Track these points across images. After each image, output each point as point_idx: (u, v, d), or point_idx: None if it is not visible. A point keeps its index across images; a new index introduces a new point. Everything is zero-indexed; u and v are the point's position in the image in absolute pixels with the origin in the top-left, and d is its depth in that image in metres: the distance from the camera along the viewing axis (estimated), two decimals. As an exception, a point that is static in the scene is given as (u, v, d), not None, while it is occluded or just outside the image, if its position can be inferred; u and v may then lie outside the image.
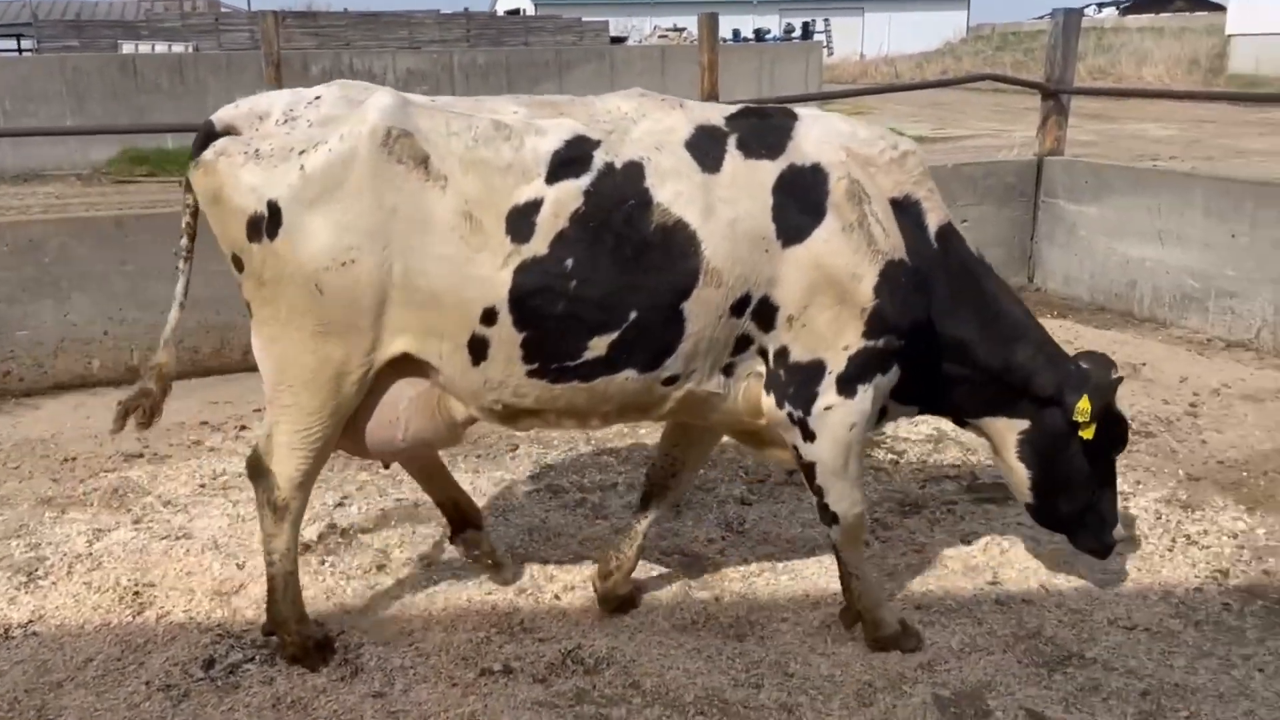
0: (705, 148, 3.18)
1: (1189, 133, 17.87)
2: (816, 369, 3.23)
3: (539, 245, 3.03)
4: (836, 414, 3.25)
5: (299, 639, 3.48)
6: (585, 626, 3.72)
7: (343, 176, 2.99)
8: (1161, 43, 34.99)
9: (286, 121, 3.07)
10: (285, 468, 3.30)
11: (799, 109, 3.43)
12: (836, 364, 3.22)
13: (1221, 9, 34.31)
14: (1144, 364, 6.52)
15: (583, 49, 25.34)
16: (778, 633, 3.67)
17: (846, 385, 3.23)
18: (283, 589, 3.46)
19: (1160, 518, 4.46)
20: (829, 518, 3.43)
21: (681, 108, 3.30)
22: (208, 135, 3.11)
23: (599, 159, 3.08)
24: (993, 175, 8.37)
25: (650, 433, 5.44)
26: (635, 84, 3.50)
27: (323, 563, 4.16)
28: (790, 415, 3.27)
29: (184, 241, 3.32)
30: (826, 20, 54.26)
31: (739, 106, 3.42)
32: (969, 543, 4.30)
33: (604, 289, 3.06)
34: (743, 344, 3.24)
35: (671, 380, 3.24)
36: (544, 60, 21.05)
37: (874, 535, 4.36)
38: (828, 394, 3.23)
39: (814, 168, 3.20)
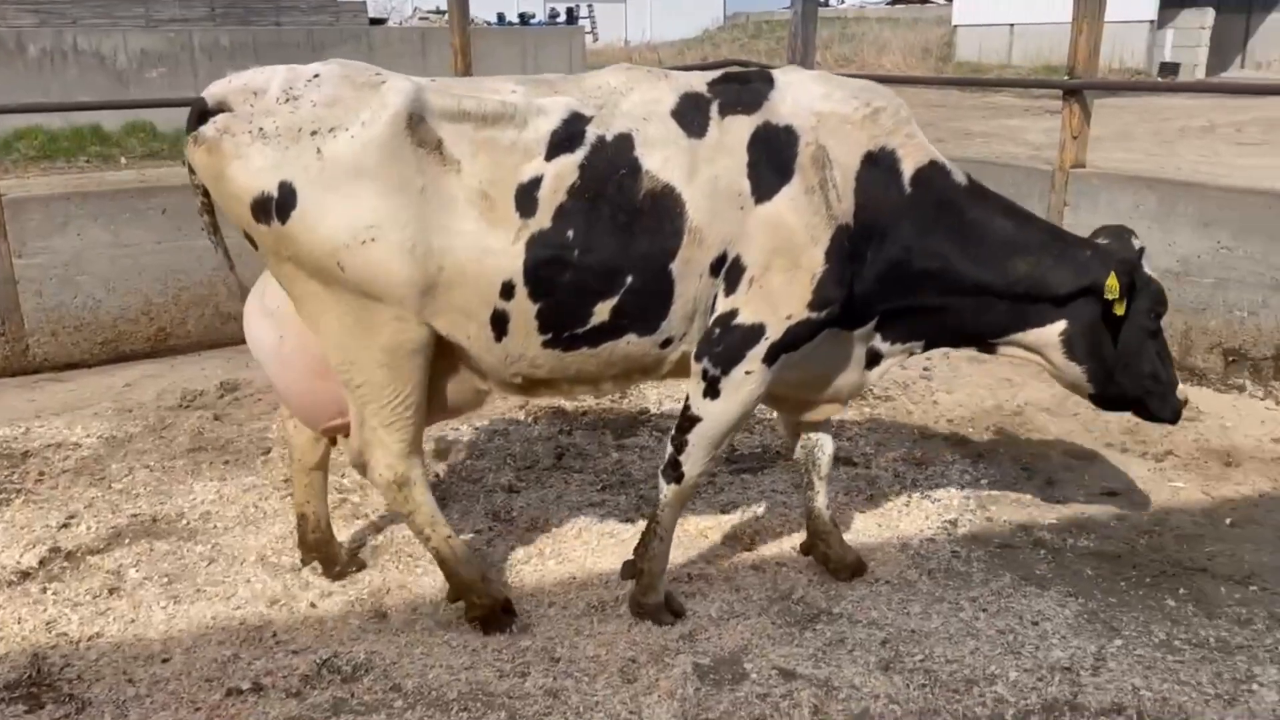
0: (690, 115, 3.28)
1: (923, 116, 19.17)
2: (755, 333, 3.30)
3: (544, 219, 3.14)
4: (750, 381, 3.34)
5: (488, 602, 3.56)
6: (343, 634, 3.56)
7: (365, 160, 3.01)
8: (898, 32, 37.52)
9: (288, 100, 3.04)
10: (388, 448, 3.34)
11: (777, 72, 3.48)
12: (774, 331, 3.30)
13: (948, 1, 37.15)
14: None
15: (338, 30, 24.27)
16: (544, 619, 3.66)
17: (773, 354, 3.33)
18: (452, 556, 3.53)
19: (898, 475, 4.77)
20: (675, 475, 3.52)
21: (667, 78, 3.39)
22: (202, 112, 3.06)
23: (591, 133, 3.19)
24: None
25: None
26: (394, 67, 3.47)
27: (44, 590, 3.78)
28: (705, 371, 3.35)
29: (205, 218, 3.31)
30: (590, 6, 54.58)
31: (721, 73, 3.47)
32: (727, 512, 4.45)
33: (603, 256, 3.18)
34: (714, 307, 3.33)
35: (668, 343, 3.38)
36: (295, 42, 20.02)
37: (638, 512, 4.43)
38: (753, 361, 3.32)
39: (787, 129, 3.30)
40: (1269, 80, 24.98)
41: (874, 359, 3.69)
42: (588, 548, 4.16)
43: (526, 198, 3.14)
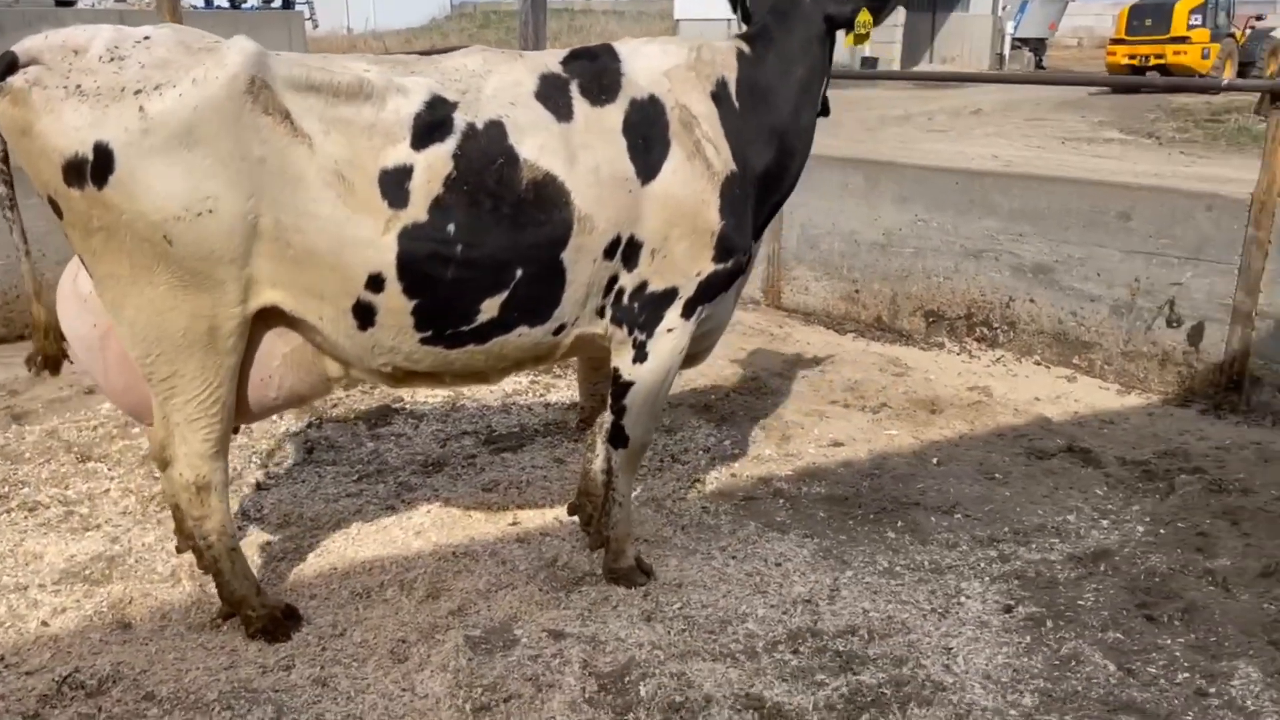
0: (554, 97, 3.23)
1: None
2: (669, 295, 3.41)
3: (418, 211, 3.01)
4: (673, 338, 3.47)
5: (264, 611, 3.40)
6: (83, 649, 3.33)
7: (196, 122, 2.80)
8: (624, 25, 38.63)
9: (113, 60, 2.81)
10: (192, 446, 3.16)
11: (616, 44, 3.47)
12: (687, 290, 3.42)
13: (671, -5, 38.59)
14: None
15: (20, 12, 21.91)
16: (307, 611, 3.58)
17: (689, 308, 3.45)
18: (230, 568, 3.37)
19: (650, 444, 4.99)
20: (620, 440, 3.63)
21: (522, 59, 3.32)
22: (9, 66, 2.79)
23: (460, 121, 3.07)
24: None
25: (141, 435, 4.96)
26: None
27: None
28: (635, 339, 3.45)
29: (1, 190, 2.99)
30: (309, -9, 52.31)
31: (567, 50, 3.42)
32: (490, 491, 4.50)
33: (489, 250, 3.10)
34: (611, 284, 3.38)
35: (560, 329, 3.38)
36: (-31, 22, 17.94)
37: (399, 499, 4.41)
38: (672, 317, 3.45)
39: (651, 99, 3.32)
40: (952, 71, 27.78)
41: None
42: (348, 538, 4.09)
43: (395, 187, 2.99)
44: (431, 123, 3.06)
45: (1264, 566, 3.77)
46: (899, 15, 36.50)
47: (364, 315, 3.14)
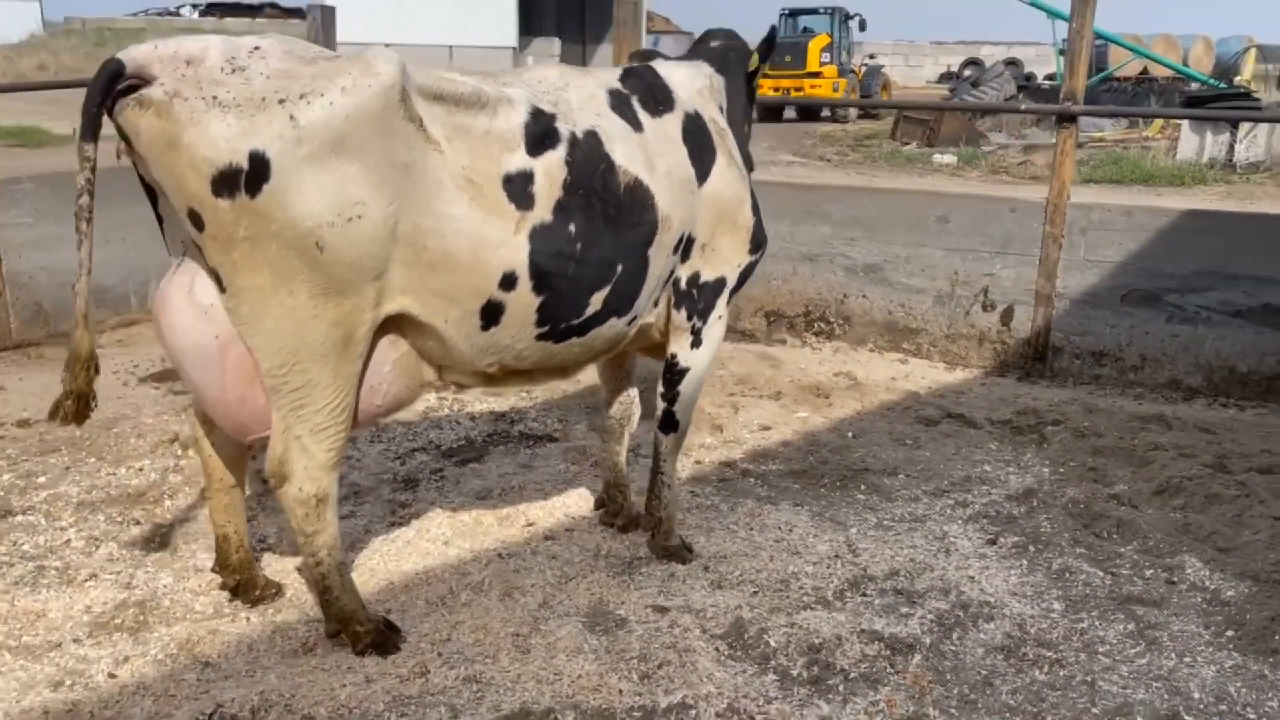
0: (623, 109, 3.54)
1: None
2: (719, 285, 3.86)
3: (543, 213, 3.20)
4: (721, 324, 3.94)
5: (371, 627, 3.33)
6: (196, 690, 3.07)
7: (347, 130, 2.82)
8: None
9: (234, 71, 2.76)
10: (315, 456, 3.09)
11: (653, 64, 3.81)
12: (732, 279, 3.89)
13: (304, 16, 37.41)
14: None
15: None
16: (414, 621, 3.48)
17: (730, 296, 3.93)
18: (339, 583, 3.29)
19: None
20: (671, 425, 4.00)
21: (589, 74, 3.62)
22: (115, 75, 2.69)
23: (564, 129, 3.29)
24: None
25: (64, 482, 4.43)
26: None
27: None
28: (694, 326, 3.84)
29: (84, 200, 2.78)
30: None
31: (620, 69, 3.78)
32: (485, 498, 4.53)
33: (600, 248, 3.35)
34: (669, 276, 3.71)
35: (633, 320, 3.66)
36: None
37: (394, 515, 4.33)
38: (721, 305, 3.91)
39: (696, 114, 3.73)
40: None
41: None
42: (379, 556, 3.99)
43: (520, 191, 3.16)
44: (539, 132, 3.25)
45: (1154, 487, 4.78)
46: (554, 45, 38.32)
47: (491, 315, 3.24)
